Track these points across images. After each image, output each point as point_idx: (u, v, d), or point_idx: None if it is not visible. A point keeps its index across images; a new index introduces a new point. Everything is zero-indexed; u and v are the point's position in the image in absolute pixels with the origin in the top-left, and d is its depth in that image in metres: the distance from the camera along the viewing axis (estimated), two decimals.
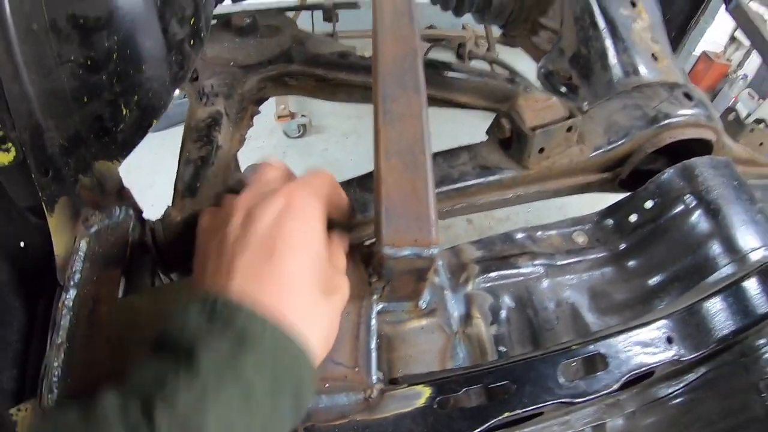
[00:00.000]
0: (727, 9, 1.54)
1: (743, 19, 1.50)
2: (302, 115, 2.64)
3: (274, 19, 1.02)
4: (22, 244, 0.56)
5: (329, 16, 1.23)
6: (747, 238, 0.81)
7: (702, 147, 1.01)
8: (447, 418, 0.52)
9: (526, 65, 1.47)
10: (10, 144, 0.52)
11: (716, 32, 4.00)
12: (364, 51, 0.93)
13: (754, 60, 4.30)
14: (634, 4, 1.14)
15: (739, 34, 4.11)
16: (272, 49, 0.94)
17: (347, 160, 2.51)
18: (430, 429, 0.51)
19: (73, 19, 0.54)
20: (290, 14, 1.62)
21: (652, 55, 1.08)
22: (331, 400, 0.53)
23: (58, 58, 0.55)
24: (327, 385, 0.53)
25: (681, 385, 0.76)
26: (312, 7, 1.25)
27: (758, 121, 1.37)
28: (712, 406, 0.76)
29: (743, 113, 4.53)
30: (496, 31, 1.38)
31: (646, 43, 1.10)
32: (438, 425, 0.52)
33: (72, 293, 0.56)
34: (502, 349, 0.67)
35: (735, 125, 1.28)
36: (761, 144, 1.29)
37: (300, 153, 2.61)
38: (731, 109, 1.34)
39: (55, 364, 0.52)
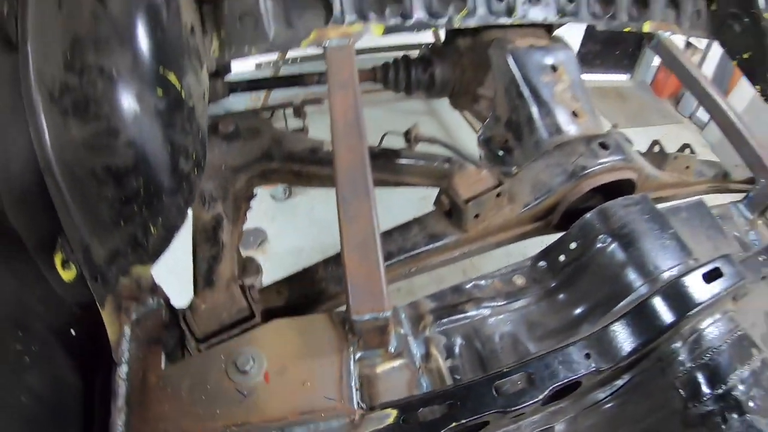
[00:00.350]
0: (649, 46, 1.75)
1: (665, 54, 1.71)
2: None
3: (253, 121, 1.24)
4: (72, 332, 0.76)
5: (299, 113, 1.45)
6: (658, 262, 1.00)
7: (627, 183, 1.21)
8: (410, 430, 0.71)
9: None
10: (72, 264, 0.72)
11: (672, 39, 4.28)
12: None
13: (711, 62, 4.58)
14: (555, 68, 1.36)
15: (694, 39, 4.35)
16: (255, 150, 1.15)
17: (333, 219, 2.71)
18: None
19: (107, 168, 0.75)
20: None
21: (573, 112, 1.30)
22: (327, 425, 0.71)
23: (98, 197, 0.75)
24: (323, 414, 0.72)
25: (611, 390, 0.94)
26: (284, 106, 1.47)
27: (684, 147, 1.55)
28: (639, 405, 0.94)
29: (706, 118, 4.79)
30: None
31: (567, 103, 1.31)
32: None
33: (125, 368, 0.75)
34: (457, 377, 0.85)
35: (659, 156, 1.48)
36: (687, 167, 1.49)
37: (288, 215, 2.79)
38: (655, 142, 1.56)
39: (119, 423, 0.70)
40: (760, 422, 0.82)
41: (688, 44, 4.49)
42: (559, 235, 1.11)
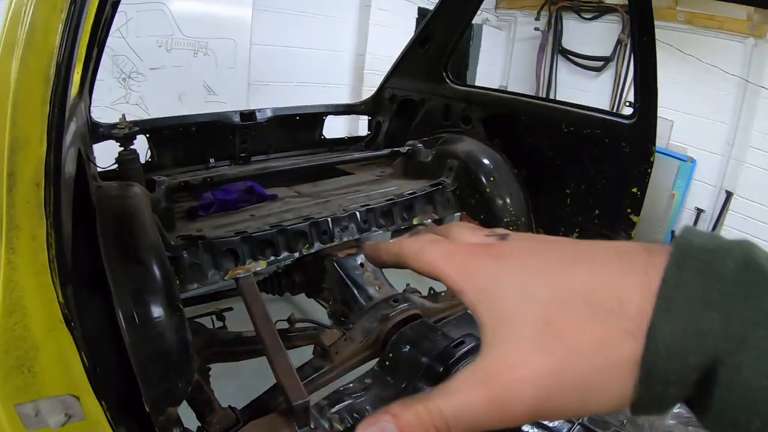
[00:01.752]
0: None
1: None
2: None
3: (194, 325, 2.00)
4: None
5: (220, 317, 2.23)
6: (430, 347, 1.95)
7: (417, 316, 2.18)
8: None
9: None
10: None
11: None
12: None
13: None
14: (362, 265, 2.39)
15: None
16: (200, 343, 1.90)
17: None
18: None
19: (157, 351, 1.48)
20: None
21: (377, 287, 2.30)
22: None
23: (152, 368, 1.47)
24: None
25: None
26: (208, 314, 2.24)
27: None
28: None
29: None
30: None
31: (372, 282, 2.32)
32: None
33: None
34: (349, 421, 1.64)
35: (435, 295, 2.55)
36: (453, 296, 2.56)
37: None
38: (431, 289, 2.63)
39: None
40: None
41: None
42: None
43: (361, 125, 4.74)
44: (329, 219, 2.23)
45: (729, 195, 5.22)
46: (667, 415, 2.14)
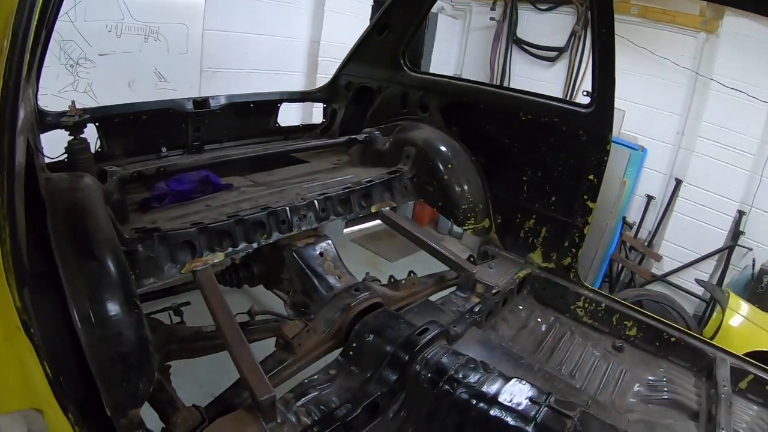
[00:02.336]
0: (378, 217, 2.89)
1: (386, 219, 2.88)
2: None
3: (152, 322, 1.93)
4: None
5: (178, 313, 2.15)
6: (393, 335, 1.95)
7: (378, 304, 2.17)
8: None
9: None
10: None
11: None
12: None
13: None
14: (321, 254, 2.37)
15: None
16: (159, 341, 1.84)
17: None
18: None
19: (117, 352, 1.42)
20: None
21: (337, 276, 2.29)
22: None
23: (112, 369, 1.40)
24: None
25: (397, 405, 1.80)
26: (165, 309, 2.15)
27: (409, 273, 2.64)
28: (415, 402, 1.79)
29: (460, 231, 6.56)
30: None
31: (332, 272, 2.30)
32: None
33: None
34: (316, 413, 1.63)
35: (395, 283, 2.54)
36: (413, 284, 2.56)
37: None
38: (391, 277, 2.64)
39: None
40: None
41: None
42: None
43: (315, 113, 4.67)
44: (287, 208, 2.19)
45: (678, 182, 5.46)
46: (629, 392, 2.25)
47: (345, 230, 6.11)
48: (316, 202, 2.32)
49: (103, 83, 3.89)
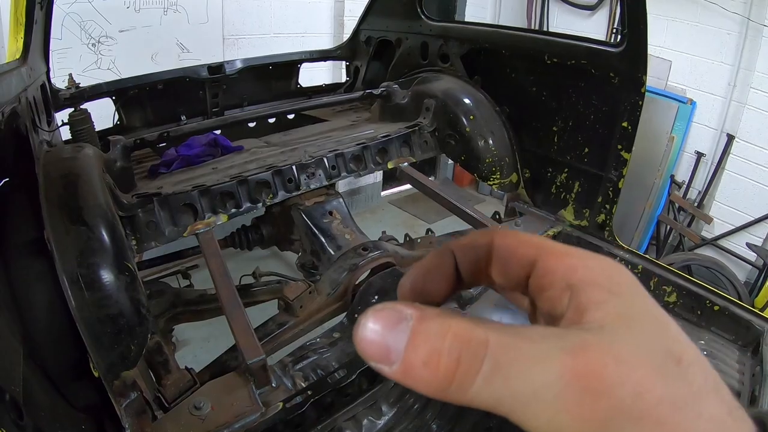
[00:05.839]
0: (396, 175, 2.80)
1: (406, 176, 2.78)
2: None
3: (159, 285, 1.95)
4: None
5: (186, 275, 2.18)
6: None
7: (391, 264, 2.10)
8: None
9: None
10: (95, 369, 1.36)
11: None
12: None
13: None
14: (331, 213, 2.31)
15: None
16: (165, 304, 1.86)
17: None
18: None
19: (106, 315, 1.43)
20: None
21: (345, 235, 2.23)
22: (249, 418, 1.41)
23: (102, 331, 1.42)
24: (246, 414, 1.42)
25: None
26: (174, 273, 2.18)
27: (427, 231, 2.55)
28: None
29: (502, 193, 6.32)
30: None
31: (341, 231, 2.24)
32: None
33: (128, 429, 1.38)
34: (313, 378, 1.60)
35: (410, 242, 2.47)
36: (431, 243, 2.49)
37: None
38: (406, 235, 2.56)
39: None
40: None
41: None
42: None
43: (343, 74, 4.55)
44: (294, 166, 2.12)
45: (731, 138, 4.93)
46: None
47: (383, 192, 6.02)
48: (325, 159, 2.24)
49: (125, 59, 3.93)
